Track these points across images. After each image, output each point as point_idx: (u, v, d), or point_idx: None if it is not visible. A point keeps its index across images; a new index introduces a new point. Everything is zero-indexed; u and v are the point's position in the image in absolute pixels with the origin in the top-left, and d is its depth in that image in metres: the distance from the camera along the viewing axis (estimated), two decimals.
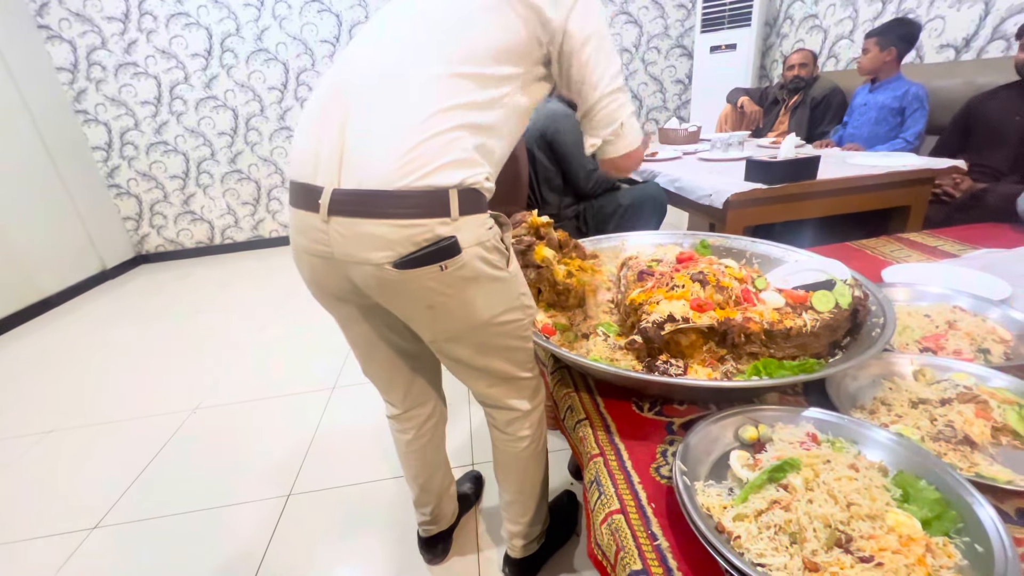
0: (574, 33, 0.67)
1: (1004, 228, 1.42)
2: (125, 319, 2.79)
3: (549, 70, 0.73)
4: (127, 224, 3.74)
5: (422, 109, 0.60)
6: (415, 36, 0.65)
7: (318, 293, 0.77)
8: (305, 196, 0.64)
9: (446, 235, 0.61)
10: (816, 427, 0.63)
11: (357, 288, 0.68)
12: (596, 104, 0.73)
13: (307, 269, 0.72)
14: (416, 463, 1.01)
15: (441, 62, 0.63)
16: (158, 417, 1.79)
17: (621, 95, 0.74)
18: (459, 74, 0.63)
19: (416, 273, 0.62)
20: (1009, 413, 0.64)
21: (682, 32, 3.85)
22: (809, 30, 3.20)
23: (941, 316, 0.89)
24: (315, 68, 3.55)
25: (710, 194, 1.51)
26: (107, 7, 3.18)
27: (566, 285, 0.92)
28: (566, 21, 0.67)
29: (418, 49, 0.64)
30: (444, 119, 0.60)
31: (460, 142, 0.61)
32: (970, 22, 2.22)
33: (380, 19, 0.71)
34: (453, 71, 0.63)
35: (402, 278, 0.62)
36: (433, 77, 0.62)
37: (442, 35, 0.64)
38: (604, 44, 0.70)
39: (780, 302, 0.78)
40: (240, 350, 2.25)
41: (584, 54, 0.69)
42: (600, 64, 0.70)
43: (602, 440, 0.70)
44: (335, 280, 0.70)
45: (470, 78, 0.63)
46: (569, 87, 0.73)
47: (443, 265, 0.62)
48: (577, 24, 0.67)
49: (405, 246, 0.60)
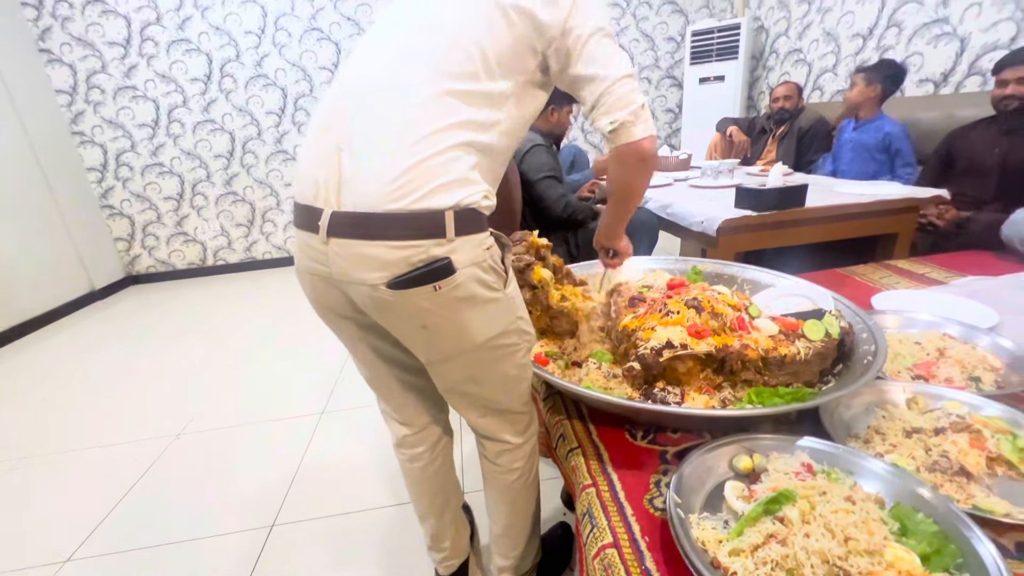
0: (576, 29, 0.66)
1: (989, 256, 1.44)
2: (111, 341, 2.74)
3: (547, 76, 0.72)
4: (119, 245, 3.71)
5: (417, 130, 0.60)
6: (409, 53, 0.65)
7: (320, 311, 0.76)
8: (306, 217, 0.65)
9: (440, 255, 0.60)
10: (811, 456, 0.62)
11: (356, 306, 0.68)
12: (610, 87, 0.69)
13: (309, 287, 0.73)
14: (433, 489, 0.97)
15: (435, 80, 0.63)
16: (139, 443, 1.74)
17: (632, 81, 0.70)
18: (453, 91, 0.63)
19: (410, 293, 0.61)
20: (1003, 443, 0.64)
21: (672, 64, 3.97)
22: (794, 64, 3.31)
23: (932, 343, 0.90)
24: (313, 94, 3.61)
25: (702, 221, 1.53)
26: (109, 32, 3.24)
27: (560, 309, 0.92)
28: (565, 20, 0.66)
29: (412, 67, 0.64)
30: (439, 139, 0.61)
31: (456, 163, 0.61)
32: (947, 58, 2.31)
33: (376, 31, 0.72)
34: (447, 88, 0.62)
35: (396, 298, 0.62)
36: (428, 96, 0.62)
37: (435, 51, 0.64)
38: (609, 37, 0.69)
39: (774, 329, 0.78)
40: (228, 373, 2.21)
41: (590, 46, 0.67)
42: (609, 54, 0.68)
43: (595, 470, 0.68)
44: (335, 299, 0.70)
45: (465, 95, 0.63)
46: (574, 83, 0.71)
47: (437, 286, 0.61)
48: (578, 20, 0.66)
49: (400, 267, 0.60)
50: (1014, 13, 2.03)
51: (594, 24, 0.67)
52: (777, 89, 2.64)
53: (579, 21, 0.66)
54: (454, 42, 0.64)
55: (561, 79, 0.72)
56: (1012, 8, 2.03)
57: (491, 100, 0.65)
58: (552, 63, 0.70)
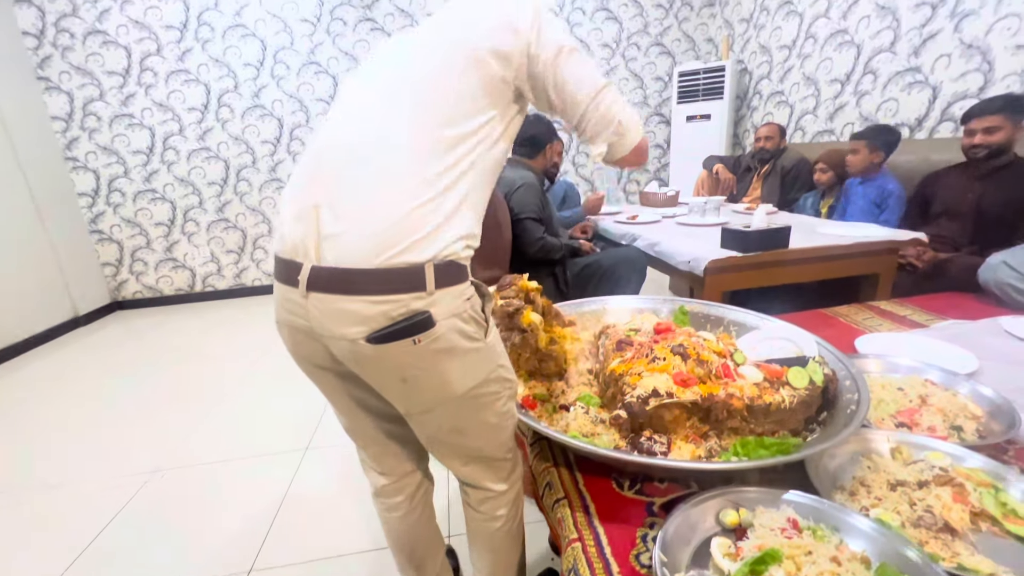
0: (540, 55, 0.67)
1: (969, 298, 1.48)
2: (92, 369, 2.68)
3: (522, 103, 0.73)
4: (106, 270, 3.67)
5: (396, 184, 0.61)
6: (386, 108, 0.66)
7: (299, 362, 0.76)
8: (286, 271, 0.65)
9: (420, 309, 0.61)
10: (797, 511, 0.62)
11: (335, 358, 0.68)
12: (587, 111, 0.71)
13: (288, 339, 0.72)
14: (412, 540, 0.95)
15: (414, 131, 0.63)
16: (115, 480, 1.68)
17: (608, 93, 0.71)
18: (433, 140, 0.63)
19: (389, 347, 0.61)
20: (986, 497, 0.64)
21: (660, 101, 4.10)
22: (776, 105, 3.44)
23: (914, 390, 0.91)
24: (309, 124, 3.66)
25: (689, 260, 1.56)
26: (109, 62, 3.29)
27: (548, 352, 0.92)
28: (528, 47, 0.67)
29: (390, 122, 0.65)
30: (417, 193, 0.61)
31: (437, 212, 0.62)
32: (921, 105, 2.42)
33: (352, 89, 0.73)
34: (424, 139, 0.63)
35: (376, 352, 0.62)
36: (407, 148, 0.63)
37: (411, 101, 0.65)
38: (574, 54, 0.69)
39: (758, 377, 0.79)
40: (210, 405, 2.16)
41: (557, 68, 0.68)
42: (576, 71, 0.69)
43: (581, 523, 0.67)
44: (314, 351, 0.70)
45: (443, 142, 0.64)
46: (551, 106, 0.73)
47: (416, 339, 0.61)
48: (540, 46, 0.67)
49: (379, 321, 0.60)
50: (981, 65, 2.14)
51: (555, 45, 0.68)
52: (760, 129, 2.75)
53: (541, 47, 0.67)
54: (429, 92, 0.65)
55: (538, 104, 0.74)
56: (979, 60, 2.14)
57: (469, 139, 0.66)
58: (525, 90, 0.71)
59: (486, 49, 0.66)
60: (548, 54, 0.68)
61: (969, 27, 2.17)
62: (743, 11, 3.67)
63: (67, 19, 3.17)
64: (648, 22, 3.89)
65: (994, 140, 1.64)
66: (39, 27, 3.15)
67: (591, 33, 3.83)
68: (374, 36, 3.57)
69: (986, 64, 2.12)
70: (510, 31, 0.67)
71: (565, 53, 0.69)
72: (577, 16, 3.78)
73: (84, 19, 3.19)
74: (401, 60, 0.70)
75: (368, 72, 0.73)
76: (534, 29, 0.67)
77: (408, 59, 0.69)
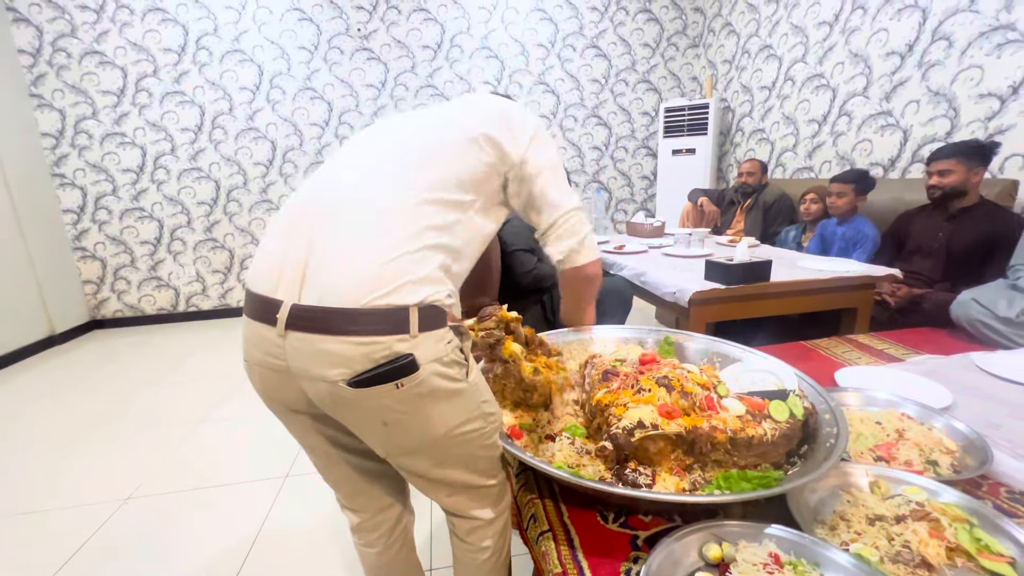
0: (532, 160, 0.76)
1: (942, 333, 1.52)
2: (65, 389, 2.60)
3: (506, 195, 0.80)
4: (86, 288, 3.60)
5: (387, 230, 0.63)
6: (384, 164, 0.70)
7: (271, 404, 0.74)
8: (262, 309, 0.64)
9: (404, 352, 0.61)
10: (778, 546, 0.63)
11: (310, 400, 0.67)
12: (560, 219, 0.80)
13: (259, 381, 0.71)
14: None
15: (408, 189, 0.67)
16: (83, 508, 1.61)
17: (581, 213, 0.82)
18: (425, 200, 0.67)
19: (372, 391, 0.61)
20: (961, 533, 0.66)
21: (647, 135, 4.24)
22: (758, 141, 3.58)
23: (891, 424, 0.93)
24: (303, 147, 3.70)
25: (674, 292, 1.59)
26: (104, 82, 3.31)
27: (532, 382, 0.93)
28: (525, 151, 0.76)
29: (385, 177, 0.68)
30: (409, 242, 0.63)
31: (424, 263, 0.64)
32: (893, 146, 2.54)
33: (353, 145, 0.77)
34: (420, 198, 0.67)
35: (357, 396, 0.61)
36: (400, 203, 0.66)
37: (410, 165, 0.69)
38: (559, 172, 0.80)
39: (741, 409, 0.80)
40: (188, 429, 2.11)
41: (543, 178, 0.78)
42: (559, 187, 0.79)
43: (565, 557, 0.67)
44: (288, 392, 0.68)
45: (435, 203, 0.68)
46: (530, 206, 0.80)
47: (400, 383, 0.61)
48: (534, 153, 0.76)
49: (362, 363, 0.60)
50: (947, 111, 2.26)
51: (548, 159, 0.78)
52: (743, 165, 2.86)
53: (535, 153, 0.76)
54: (429, 158, 0.70)
55: (517, 200, 0.81)
56: (946, 107, 2.27)
57: (459, 207, 0.70)
58: (511, 186, 0.78)
59: (483, 134, 0.73)
60: (541, 162, 0.77)
61: (935, 76, 2.30)
62: (726, 53, 3.85)
63: (65, 39, 3.20)
64: (636, 60, 4.05)
65: (947, 182, 1.77)
66: (36, 46, 3.18)
67: (581, 69, 3.98)
68: (370, 65, 3.66)
69: (952, 111, 2.24)
70: (509, 132, 0.75)
71: (553, 168, 0.79)
72: (568, 52, 3.93)
73: (82, 39, 3.23)
74: (405, 129, 0.76)
75: (369, 134, 0.77)
76: (532, 141, 0.77)
77: (412, 130, 0.75)
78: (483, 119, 0.75)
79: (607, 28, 3.94)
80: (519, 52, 3.87)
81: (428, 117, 0.78)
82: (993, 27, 2.05)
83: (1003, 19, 2.02)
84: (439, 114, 0.78)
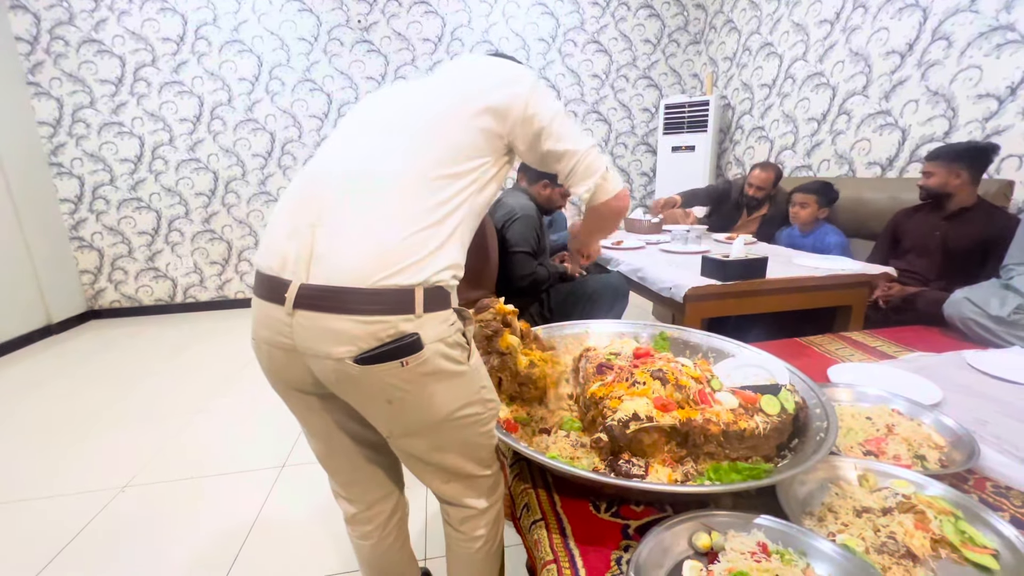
0: (537, 116, 0.76)
1: (934, 331, 1.54)
2: (62, 379, 2.60)
3: (511, 156, 0.81)
4: (84, 278, 3.60)
5: (390, 212, 0.64)
6: (388, 139, 0.70)
7: (276, 383, 0.76)
8: (271, 288, 0.65)
9: (409, 331, 0.62)
10: (766, 536, 0.64)
11: (317, 380, 0.68)
12: (579, 161, 0.80)
13: (266, 359, 0.72)
14: (384, 567, 0.93)
15: (415, 167, 0.68)
16: (79, 496, 1.62)
17: (596, 150, 0.82)
18: (431, 177, 0.68)
19: (377, 369, 0.62)
20: (946, 525, 0.67)
21: (647, 132, 4.24)
22: (757, 139, 3.58)
23: (881, 419, 0.94)
24: (302, 139, 3.69)
25: (670, 287, 1.60)
26: (103, 71, 3.29)
27: (528, 375, 0.94)
28: (524, 109, 0.75)
29: (392, 154, 0.69)
30: (416, 221, 0.64)
31: (429, 241, 0.65)
32: (891, 146, 2.54)
33: (355, 119, 0.77)
34: (426, 176, 0.68)
35: (363, 373, 0.62)
36: (407, 182, 0.67)
37: (413, 138, 0.70)
38: (566, 118, 0.80)
39: (734, 403, 0.82)
40: (184, 419, 2.11)
41: (554, 128, 0.78)
42: (571, 131, 0.80)
43: (557, 545, 0.68)
44: (295, 371, 0.69)
45: (440, 179, 0.68)
46: (546, 158, 0.81)
47: (404, 361, 0.62)
48: (537, 107, 0.76)
49: (368, 341, 0.61)
50: (946, 111, 2.27)
51: (552, 110, 0.78)
52: (753, 173, 2.64)
53: (538, 109, 0.76)
54: (431, 131, 0.70)
55: (530, 156, 0.81)
56: (944, 107, 2.27)
57: (462, 179, 0.71)
58: (518, 144, 0.78)
59: (485, 104, 0.73)
60: (546, 115, 0.77)
61: (935, 76, 2.30)
62: (727, 50, 3.84)
63: (63, 27, 3.18)
64: (636, 56, 4.04)
65: (929, 184, 1.83)
66: (33, 33, 3.15)
67: (582, 64, 3.97)
68: (370, 58, 3.65)
69: (951, 110, 2.25)
70: (509, 93, 0.75)
71: (562, 115, 0.79)
72: (568, 47, 3.92)
73: (80, 28, 3.20)
74: (406, 102, 0.76)
75: (373, 107, 0.77)
76: (533, 95, 0.76)
77: (413, 102, 0.75)
78: (483, 87, 0.75)
79: (608, 23, 3.93)
80: (520, 46, 3.86)
81: (430, 87, 0.77)
82: (993, 27, 2.06)
83: (1003, 19, 2.02)
84: (440, 83, 0.78)
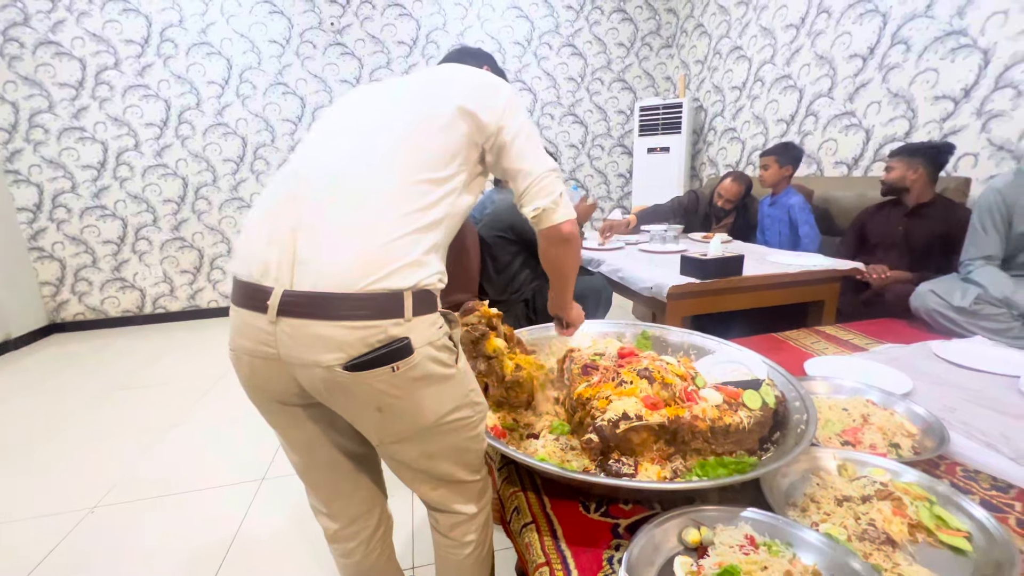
0: (507, 127, 0.76)
1: (902, 323, 1.60)
2: (23, 397, 2.47)
3: (484, 165, 0.80)
4: (44, 289, 3.43)
5: (381, 215, 0.63)
6: (371, 143, 0.69)
7: (257, 395, 0.72)
8: (251, 296, 0.63)
9: (399, 336, 0.61)
10: (753, 528, 0.65)
11: (302, 390, 0.66)
12: (537, 180, 0.79)
13: (247, 370, 0.68)
14: None
15: (397, 170, 0.67)
16: (44, 519, 1.54)
17: (555, 175, 0.81)
18: (414, 181, 0.67)
19: (367, 375, 0.61)
20: (922, 510, 0.69)
21: (623, 134, 4.29)
22: (729, 140, 3.67)
23: (857, 410, 0.97)
24: (275, 144, 3.61)
25: (651, 286, 1.62)
26: (61, 74, 3.16)
27: (515, 378, 0.93)
28: (499, 119, 0.76)
29: (373, 157, 0.67)
30: (400, 224, 0.63)
31: (416, 245, 0.64)
32: (856, 146, 2.64)
33: (334, 118, 0.76)
34: (410, 179, 0.67)
35: (353, 380, 0.61)
36: (391, 185, 0.65)
37: (397, 143, 0.69)
38: (533, 138, 0.80)
39: (718, 399, 0.83)
40: (157, 435, 2.03)
41: (519, 143, 0.78)
42: (534, 150, 0.79)
43: (548, 547, 0.68)
44: (278, 382, 0.67)
45: (423, 183, 0.67)
46: (506, 173, 0.81)
47: (395, 366, 0.61)
48: (508, 121, 0.77)
49: (357, 347, 0.60)
50: (906, 112, 2.37)
51: (521, 125, 0.78)
52: (723, 184, 2.61)
53: (509, 122, 0.77)
54: (412, 138, 0.69)
55: (496, 169, 0.81)
56: (904, 108, 2.37)
57: (444, 184, 0.70)
58: (488, 156, 0.78)
59: (464, 110, 0.72)
60: (514, 129, 0.77)
61: (895, 78, 2.40)
62: (698, 53, 3.93)
63: (17, 28, 3.04)
64: (611, 59, 4.10)
65: (888, 178, 1.93)
66: None
67: (557, 67, 4.00)
68: (344, 60, 3.60)
69: (911, 111, 2.35)
70: (489, 104, 0.75)
71: (526, 134, 0.79)
72: (544, 51, 3.95)
73: (36, 29, 3.07)
74: (386, 103, 0.75)
75: (352, 107, 0.76)
76: (508, 108, 0.77)
77: (393, 104, 0.74)
78: (461, 91, 0.74)
79: (583, 27, 3.97)
80: (496, 49, 3.86)
81: (408, 89, 0.76)
82: (947, 32, 2.16)
83: (956, 24, 2.12)
84: (419, 86, 0.77)
